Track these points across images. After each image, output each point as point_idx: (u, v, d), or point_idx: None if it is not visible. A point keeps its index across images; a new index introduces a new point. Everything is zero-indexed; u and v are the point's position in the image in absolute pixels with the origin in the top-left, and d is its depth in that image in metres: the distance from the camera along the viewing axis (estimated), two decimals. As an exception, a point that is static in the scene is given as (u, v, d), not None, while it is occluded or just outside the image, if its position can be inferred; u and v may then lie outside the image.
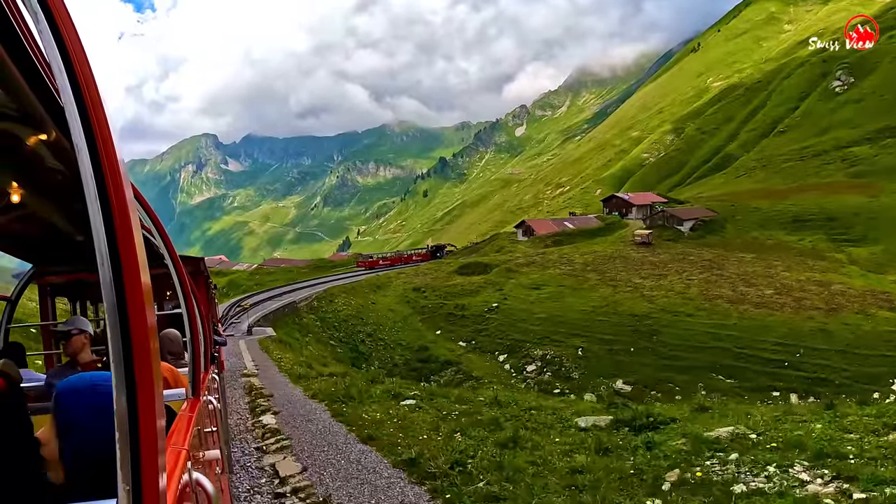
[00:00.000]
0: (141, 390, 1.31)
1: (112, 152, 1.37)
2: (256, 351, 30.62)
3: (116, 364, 1.29)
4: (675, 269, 68.71)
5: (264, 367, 24.03)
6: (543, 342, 53.83)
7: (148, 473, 1.32)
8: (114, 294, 1.29)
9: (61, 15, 1.30)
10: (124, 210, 1.35)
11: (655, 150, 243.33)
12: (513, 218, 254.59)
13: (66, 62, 1.30)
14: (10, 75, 1.71)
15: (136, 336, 1.32)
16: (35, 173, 2.93)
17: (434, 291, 67.79)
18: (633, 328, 54.74)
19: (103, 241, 1.29)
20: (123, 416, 1.28)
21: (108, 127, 1.39)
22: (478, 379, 49.46)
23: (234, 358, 27.01)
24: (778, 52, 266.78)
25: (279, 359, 27.51)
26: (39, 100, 1.87)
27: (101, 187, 1.31)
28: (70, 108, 1.30)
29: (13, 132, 2.31)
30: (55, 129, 2.16)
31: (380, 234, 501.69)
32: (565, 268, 71.89)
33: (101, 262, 1.29)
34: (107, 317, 1.29)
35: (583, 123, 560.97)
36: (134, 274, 1.34)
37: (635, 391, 45.76)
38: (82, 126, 1.31)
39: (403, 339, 57.17)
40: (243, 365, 24.73)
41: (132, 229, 1.37)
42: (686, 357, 49.67)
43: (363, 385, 17.61)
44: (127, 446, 1.29)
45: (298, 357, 31.03)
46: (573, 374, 49.62)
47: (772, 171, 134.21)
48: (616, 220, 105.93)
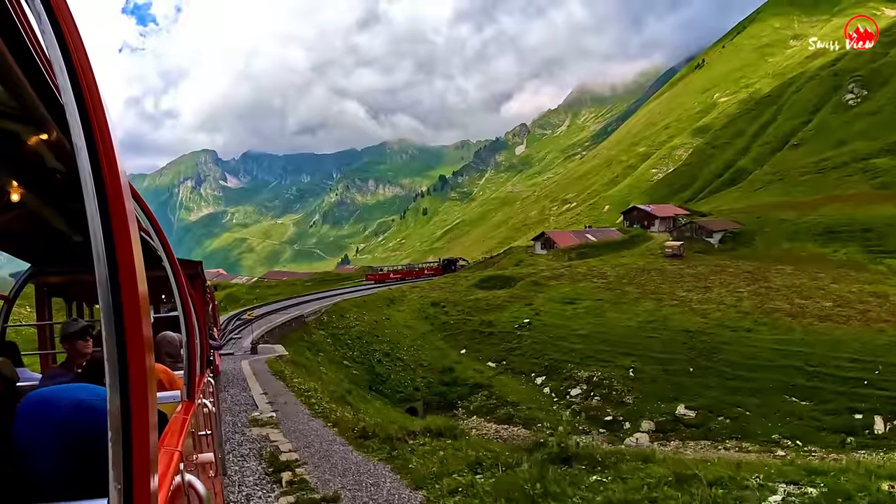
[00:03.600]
0: (134, 390, 1.32)
1: (111, 153, 1.39)
2: (266, 376, 23.71)
3: (111, 364, 1.29)
4: (719, 281, 62.67)
5: (285, 407, 17.01)
6: (587, 362, 47.56)
7: (139, 473, 1.33)
8: (109, 293, 1.30)
9: (64, 15, 1.31)
10: (121, 210, 1.36)
11: (664, 165, 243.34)
12: (518, 234, 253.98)
13: (68, 62, 1.31)
14: (11, 74, 1.71)
15: (131, 336, 1.32)
16: (35, 173, 2.94)
17: (455, 306, 61.30)
18: (688, 345, 48.58)
19: (100, 241, 1.30)
20: (116, 415, 1.29)
21: (108, 127, 1.41)
22: (514, 404, 44.23)
23: (235, 388, 20.27)
24: (785, 67, 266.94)
25: (303, 390, 20.53)
26: (41, 99, 1.86)
27: (100, 187, 1.32)
28: (70, 108, 1.31)
29: (14, 131, 2.30)
30: (56, 129, 2.12)
31: (379, 252, 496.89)
32: (599, 281, 65.65)
33: (97, 260, 1.30)
34: (102, 316, 1.30)
35: (584, 142, 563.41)
36: (130, 273, 1.35)
37: (700, 417, 40.45)
38: (82, 126, 1.32)
39: (425, 359, 50.85)
40: (250, 401, 17.86)
41: (129, 229, 1.39)
42: (753, 377, 43.58)
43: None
44: (119, 446, 1.29)
45: (325, 385, 24.43)
46: (626, 398, 43.43)
47: (790, 184, 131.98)
48: (640, 232, 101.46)
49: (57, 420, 1.98)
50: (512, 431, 40.85)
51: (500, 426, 41.93)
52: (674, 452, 35.15)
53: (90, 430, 1.85)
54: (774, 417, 39.18)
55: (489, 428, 41.85)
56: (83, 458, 1.85)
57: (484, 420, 43.17)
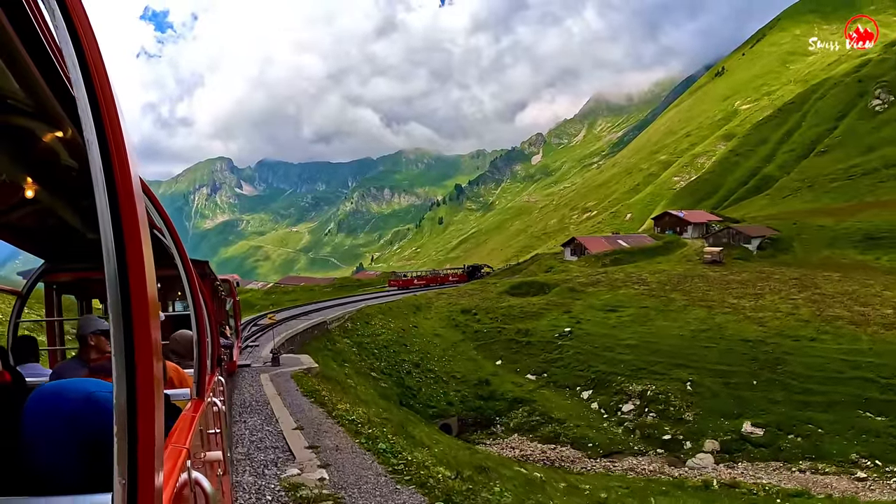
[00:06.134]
0: (141, 387, 1.32)
1: (123, 148, 1.39)
2: (295, 397, 18.48)
3: (118, 358, 1.29)
4: (769, 288, 58.29)
5: (338, 456, 11.36)
6: (639, 375, 43.26)
7: (144, 469, 1.32)
8: (118, 290, 1.30)
9: (77, 11, 1.31)
10: (132, 207, 1.36)
11: (686, 172, 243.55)
12: (538, 243, 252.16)
13: (80, 57, 1.31)
14: (26, 70, 1.71)
15: (139, 333, 1.32)
16: (49, 169, 2.97)
17: (487, 314, 57.02)
18: (749, 356, 44.20)
19: (110, 237, 1.30)
20: (123, 410, 1.28)
21: (120, 123, 1.40)
22: (560, 421, 40.14)
23: (254, 417, 15.19)
24: (808, 74, 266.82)
25: (352, 422, 14.94)
26: (55, 96, 1.85)
27: (110, 183, 1.32)
28: (82, 103, 1.31)
29: (28, 127, 2.31)
30: (71, 126, 2.14)
31: (394, 261, 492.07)
32: (640, 287, 61.31)
33: (106, 257, 1.30)
34: (110, 312, 1.30)
35: (601, 151, 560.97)
36: (139, 271, 1.35)
37: (768, 436, 36.53)
38: (94, 121, 1.32)
39: (457, 371, 46.63)
40: (278, 442, 12.69)
41: (139, 226, 1.39)
42: (823, 391, 39.42)
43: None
44: (125, 441, 1.29)
45: (368, 407, 19.76)
46: (685, 414, 39.17)
47: (820, 190, 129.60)
48: (674, 238, 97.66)
49: (66, 413, 1.94)
50: (560, 452, 36.92)
51: (546, 446, 37.97)
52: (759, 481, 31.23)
53: (99, 423, 1.80)
54: (849, 435, 35.53)
55: (533, 448, 37.99)
56: (91, 451, 1.84)
57: (527, 439, 39.25)
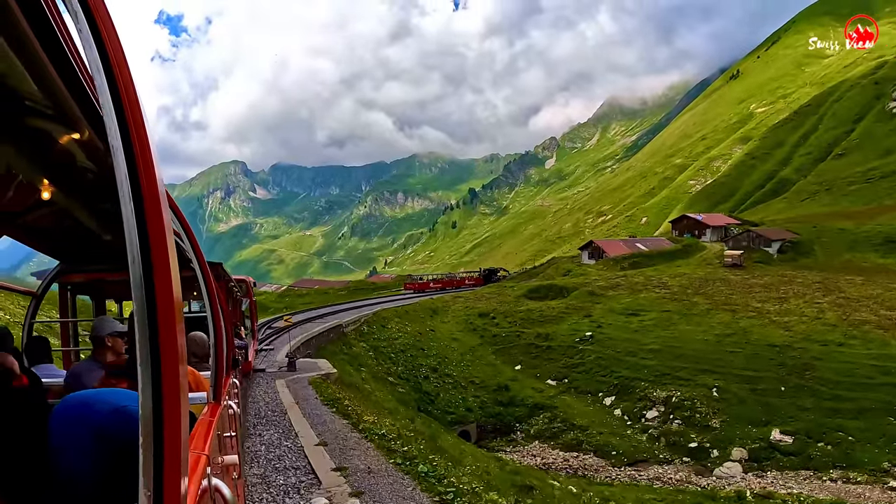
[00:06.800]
0: (167, 394, 1.32)
1: (148, 154, 1.39)
2: (315, 406, 17.02)
3: (143, 367, 1.29)
4: (792, 292, 56.98)
5: (372, 481, 9.85)
6: (663, 380, 42.01)
7: (170, 480, 1.33)
8: (143, 295, 1.30)
9: (101, 15, 1.31)
10: (158, 212, 1.37)
11: (702, 176, 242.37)
12: (553, 247, 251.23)
13: (105, 62, 1.31)
14: (45, 74, 1.72)
15: (165, 338, 1.32)
16: (66, 171, 2.95)
17: (506, 318, 55.90)
18: (776, 361, 42.87)
19: (135, 243, 1.30)
20: (148, 419, 1.29)
21: (145, 129, 1.41)
22: (582, 428, 38.86)
23: (270, 430, 13.78)
24: (823, 77, 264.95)
25: (381, 436, 13.45)
26: (74, 99, 1.87)
27: (136, 189, 1.32)
28: (106, 108, 1.31)
29: (46, 130, 2.32)
30: (88, 129, 2.16)
31: (407, 265, 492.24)
32: (661, 291, 60.05)
33: (132, 262, 1.30)
34: (135, 317, 1.31)
35: (614, 155, 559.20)
36: (165, 276, 1.35)
37: (798, 443, 35.22)
38: (119, 127, 1.32)
39: (476, 376, 45.49)
40: (299, 461, 11.25)
41: (165, 232, 1.40)
42: (853, 397, 38.12)
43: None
44: (150, 451, 1.29)
45: (394, 416, 18.50)
46: (711, 421, 37.85)
47: (838, 194, 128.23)
48: (692, 241, 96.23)
49: (95, 423, 2.02)
50: (582, 460, 35.78)
51: (568, 454, 36.77)
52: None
53: (128, 435, 1.81)
54: (881, 442, 34.34)
55: (555, 455, 36.81)
56: (119, 463, 1.87)
57: (548, 446, 38.03)
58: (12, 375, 2.69)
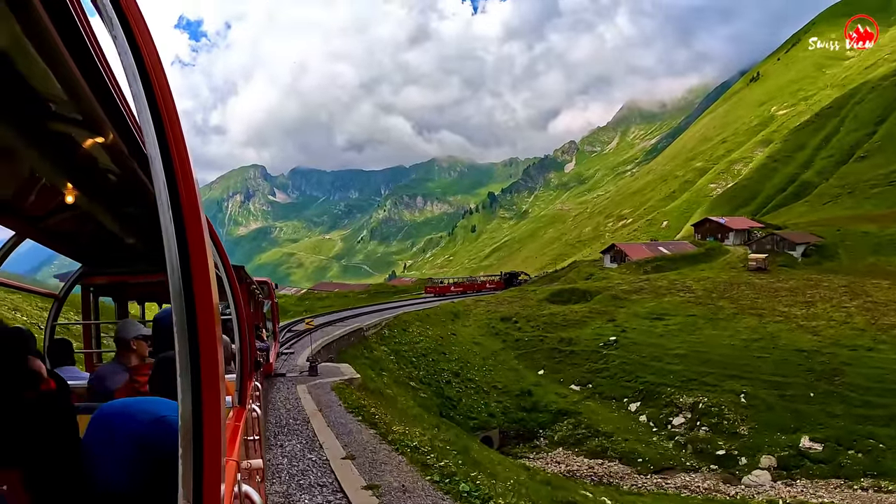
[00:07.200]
0: (206, 403, 1.33)
1: (186, 163, 1.40)
2: (339, 414, 16.25)
3: (183, 376, 1.30)
4: (819, 296, 56.06)
5: (406, 501, 9.14)
6: (689, 386, 41.40)
7: (209, 488, 1.34)
8: (183, 305, 1.30)
9: (137, 22, 1.32)
10: (196, 221, 1.38)
11: (723, 179, 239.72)
12: (573, 251, 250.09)
13: (141, 69, 1.31)
14: (70, 77, 1.71)
15: (205, 348, 1.33)
16: (89, 175, 2.96)
17: (528, 322, 55.31)
18: (805, 367, 42.18)
19: (174, 251, 1.31)
20: (188, 428, 1.30)
21: (182, 136, 1.41)
22: (607, 435, 38.34)
23: (293, 440, 13.04)
24: (845, 79, 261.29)
25: (414, 448, 12.72)
26: (98, 102, 1.87)
27: (174, 197, 1.33)
28: (143, 116, 1.32)
29: (69, 133, 2.32)
30: (113, 132, 2.14)
31: (426, 269, 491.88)
32: (685, 295, 59.24)
33: (171, 271, 1.30)
34: (175, 326, 1.30)
35: (634, 159, 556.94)
36: (204, 284, 1.36)
37: (828, 451, 34.64)
38: (156, 136, 1.32)
39: (499, 381, 44.99)
40: (325, 477, 10.35)
41: (204, 241, 1.41)
42: (883, 403, 37.38)
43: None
44: (189, 461, 1.30)
45: (422, 425, 17.75)
46: (739, 428, 37.29)
47: (860, 197, 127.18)
48: (716, 244, 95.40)
49: (137, 433, 2.06)
50: (608, 468, 35.18)
51: (593, 461, 36.26)
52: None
53: (169, 447, 1.79)
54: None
55: (579, 463, 36.26)
56: (159, 472, 1.90)
57: (572, 453, 37.50)
58: (40, 379, 2.63)
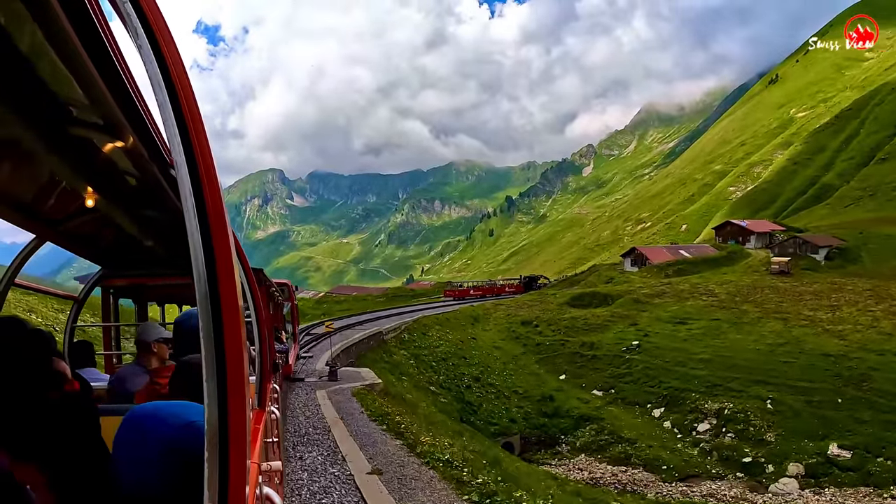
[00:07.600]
0: (232, 408, 1.34)
1: (212, 170, 1.42)
2: (362, 423, 15.43)
3: (209, 380, 1.31)
4: (844, 299, 54.99)
5: None
6: (714, 392, 40.70)
7: (234, 491, 1.35)
8: (209, 311, 1.32)
9: (162, 32, 1.35)
10: (223, 227, 1.41)
11: (742, 182, 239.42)
12: (592, 255, 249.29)
13: (166, 77, 1.34)
14: (90, 79, 1.73)
15: (231, 354, 1.34)
16: (109, 178, 2.99)
17: (549, 326, 54.74)
18: (832, 372, 41.22)
19: (201, 258, 1.32)
20: (214, 432, 1.31)
21: (208, 143, 1.44)
22: (630, 441, 37.60)
23: (314, 451, 12.31)
24: (864, 80, 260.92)
25: (445, 462, 11.87)
26: (118, 106, 1.89)
27: (200, 205, 1.35)
28: (169, 123, 1.34)
29: (88, 138, 2.36)
30: (133, 136, 2.17)
31: (444, 273, 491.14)
32: (708, 299, 58.41)
33: (197, 279, 1.32)
34: (201, 331, 1.32)
35: (652, 162, 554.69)
36: (230, 290, 1.38)
37: (856, 458, 33.73)
38: (182, 143, 1.34)
39: (519, 386, 44.48)
40: (351, 494, 9.55)
41: (229, 248, 1.43)
42: (913, 409, 36.51)
43: None
44: (216, 465, 1.32)
45: (455, 436, 17.09)
46: (766, 434, 36.50)
47: (882, 199, 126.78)
48: (737, 248, 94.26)
49: (167, 437, 2.06)
50: (632, 475, 34.55)
51: (616, 468, 35.64)
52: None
53: (197, 451, 1.80)
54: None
55: (602, 469, 35.63)
56: (187, 476, 1.91)
57: (595, 460, 36.91)
58: (64, 379, 2.61)
